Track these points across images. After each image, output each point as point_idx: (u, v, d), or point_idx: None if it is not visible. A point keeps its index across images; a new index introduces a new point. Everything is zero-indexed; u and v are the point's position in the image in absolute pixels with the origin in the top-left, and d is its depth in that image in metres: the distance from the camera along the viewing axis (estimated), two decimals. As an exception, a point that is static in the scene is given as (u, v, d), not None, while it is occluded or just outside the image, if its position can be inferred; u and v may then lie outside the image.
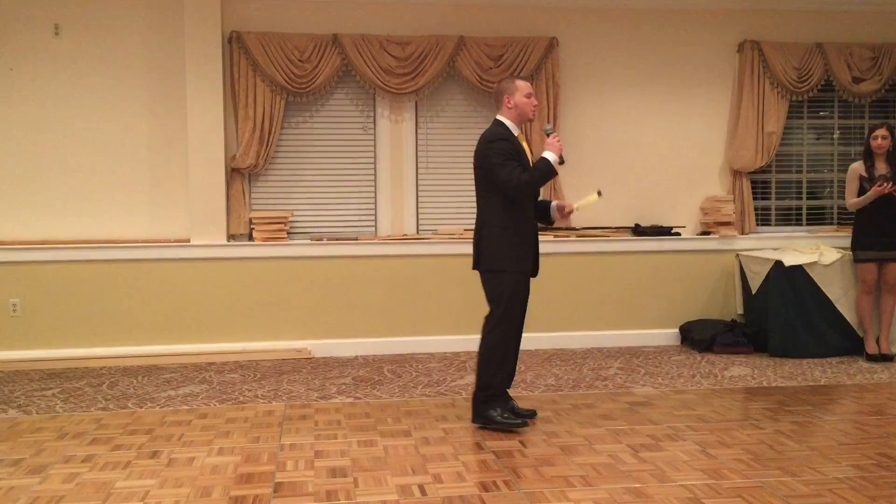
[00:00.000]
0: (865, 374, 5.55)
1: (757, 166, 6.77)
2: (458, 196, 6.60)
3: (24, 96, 6.06)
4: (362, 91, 6.44)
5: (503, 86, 4.33)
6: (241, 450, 3.88)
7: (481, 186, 4.28)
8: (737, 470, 3.55)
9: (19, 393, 5.09)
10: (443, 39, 6.36)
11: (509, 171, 4.11)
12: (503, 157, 4.14)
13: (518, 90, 4.25)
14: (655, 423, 4.32)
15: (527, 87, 4.28)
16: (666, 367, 5.75)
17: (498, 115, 4.33)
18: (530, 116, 4.35)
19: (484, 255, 4.24)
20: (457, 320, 6.39)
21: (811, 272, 6.09)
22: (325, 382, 5.35)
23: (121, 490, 3.36)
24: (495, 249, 4.19)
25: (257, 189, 6.40)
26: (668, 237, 6.65)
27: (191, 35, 6.08)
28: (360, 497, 3.25)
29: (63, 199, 6.12)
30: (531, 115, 4.35)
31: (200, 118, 6.12)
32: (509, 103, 4.27)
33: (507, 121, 4.28)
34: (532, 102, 4.29)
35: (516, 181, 4.10)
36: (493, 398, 4.23)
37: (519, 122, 4.31)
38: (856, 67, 6.83)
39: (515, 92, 4.25)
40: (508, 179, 4.10)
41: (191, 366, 5.88)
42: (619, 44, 6.69)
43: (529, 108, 4.28)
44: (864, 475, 3.47)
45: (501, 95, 4.31)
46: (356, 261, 6.30)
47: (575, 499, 3.21)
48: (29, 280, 5.96)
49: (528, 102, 4.26)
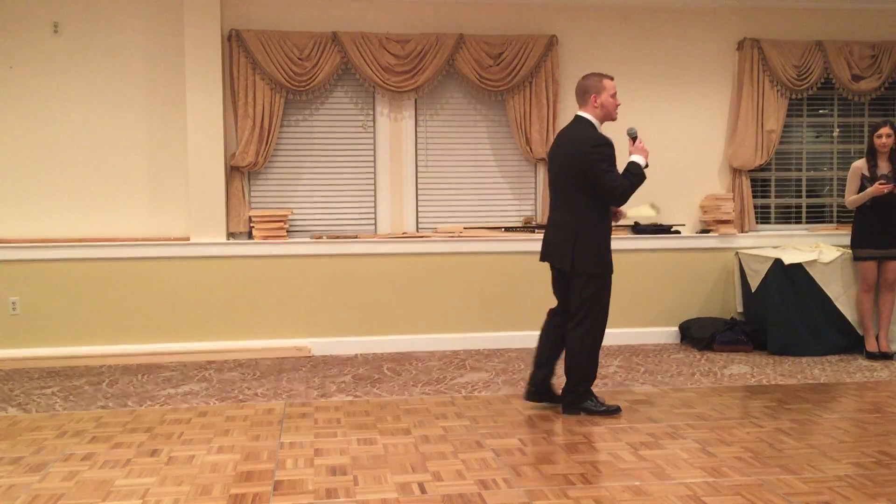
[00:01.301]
0: (865, 372, 5.55)
1: (756, 164, 6.77)
2: (457, 194, 6.60)
3: (24, 94, 6.06)
4: (362, 89, 6.44)
5: (590, 83, 4.35)
6: (240, 448, 3.88)
7: (577, 188, 4.32)
8: (736, 468, 3.55)
9: (19, 391, 5.09)
10: (442, 37, 6.35)
11: (614, 178, 4.21)
12: (608, 163, 4.23)
13: (605, 90, 4.31)
14: (655, 421, 4.32)
15: (613, 86, 4.35)
16: (665, 366, 5.75)
17: (581, 112, 4.38)
18: (614, 117, 4.41)
19: (580, 257, 4.31)
20: (456, 318, 6.40)
21: (811, 270, 6.09)
22: (325, 380, 5.35)
23: (120, 488, 3.36)
24: (594, 254, 4.31)
25: (257, 187, 6.39)
26: (667, 235, 6.65)
27: (190, 33, 6.07)
28: (359, 495, 3.25)
29: (63, 197, 6.12)
30: (615, 116, 4.40)
31: (200, 116, 6.11)
32: (595, 102, 4.33)
33: (592, 119, 4.34)
34: (616, 103, 4.35)
35: (621, 189, 4.23)
36: (589, 391, 4.44)
37: (602, 120, 4.37)
38: (855, 65, 6.83)
39: (602, 91, 4.32)
40: (614, 187, 4.21)
41: (190, 364, 5.89)
42: (618, 42, 6.69)
43: (614, 108, 4.35)
44: (863, 473, 3.48)
45: (588, 93, 4.35)
46: (356, 259, 6.30)
47: (575, 497, 3.21)
48: (28, 278, 5.96)
49: (613, 103, 4.34)
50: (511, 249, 6.42)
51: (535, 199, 6.68)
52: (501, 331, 6.45)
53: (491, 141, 6.63)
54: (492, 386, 5.16)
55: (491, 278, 6.43)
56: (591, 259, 4.31)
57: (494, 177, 6.64)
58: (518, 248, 6.41)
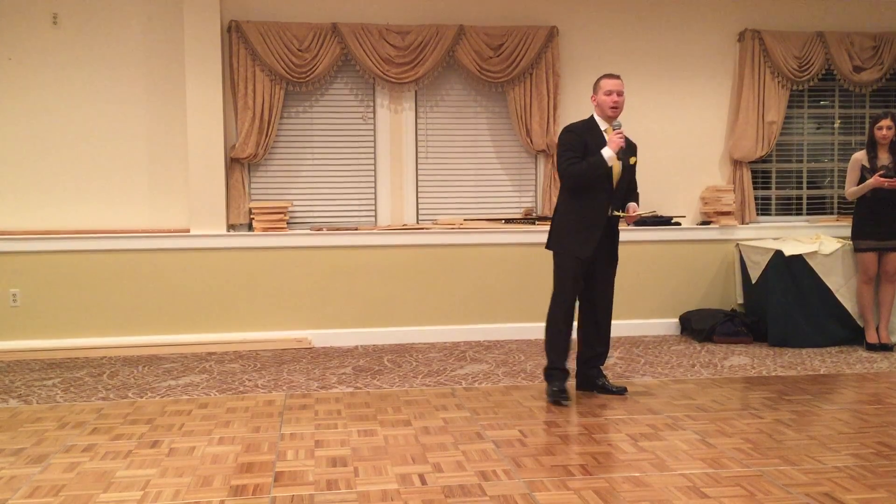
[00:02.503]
0: (865, 363, 5.56)
1: (757, 156, 6.76)
2: (457, 186, 6.60)
3: (23, 86, 6.05)
4: (362, 81, 6.43)
5: (595, 83, 4.64)
6: (241, 439, 3.89)
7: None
8: (736, 459, 3.56)
9: (20, 383, 5.10)
10: (442, 29, 6.34)
11: (563, 161, 4.51)
12: (563, 147, 4.55)
13: (600, 88, 4.55)
14: (655, 412, 4.32)
15: (609, 84, 4.53)
16: (666, 357, 5.76)
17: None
18: (608, 113, 4.56)
19: (550, 236, 4.68)
20: (457, 310, 6.40)
21: (811, 262, 6.09)
22: (325, 372, 5.35)
23: (121, 479, 3.36)
24: (558, 234, 4.61)
25: (257, 179, 6.39)
26: (668, 227, 6.65)
27: (190, 24, 6.06)
28: (360, 486, 3.26)
29: (62, 188, 6.12)
30: (609, 112, 4.55)
31: (199, 108, 6.10)
32: (594, 101, 4.61)
33: (596, 115, 4.61)
34: (611, 100, 4.51)
35: (569, 173, 4.49)
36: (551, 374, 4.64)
37: (604, 117, 4.57)
38: (857, 56, 6.81)
39: (599, 90, 4.56)
40: (562, 170, 4.53)
41: (191, 356, 5.89)
42: (619, 33, 6.67)
43: (606, 105, 4.53)
44: (863, 464, 3.48)
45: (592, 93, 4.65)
46: (356, 251, 6.30)
47: (575, 488, 3.22)
48: (29, 270, 5.96)
49: (606, 100, 4.53)
50: (511, 241, 6.42)
51: (536, 190, 6.68)
52: (502, 322, 6.45)
53: (491, 133, 6.62)
54: (492, 377, 5.17)
55: (491, 270, 6.43)
56: (555, 238, 4.63)
57: (495, 168, 6.64)
58: (518, 240, 6.41)
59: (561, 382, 4.57)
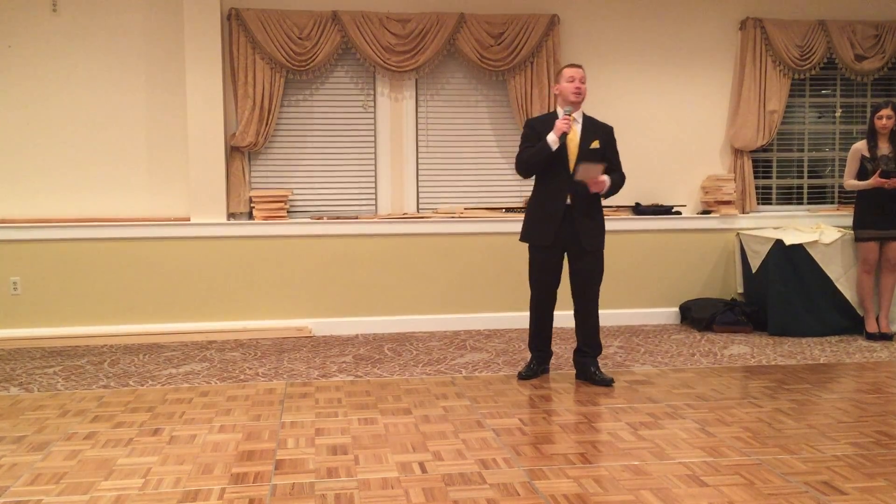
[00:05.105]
0: (865, 352, 5.56)
1: (758, 145, 6.75)
2: (458, 175, 6.59)
3: (22, 73, 6.03)
4: (362, 69, 6.41)
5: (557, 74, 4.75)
6: (242, 427, 3.90)
7: None
8: (735, 448, 3.57)
9: (21, 371, 5.11)
10: (443, 17, 6.31)
11: (518, 153, 4.67)
12: (521, 139, 4.71)
13: (562, 76, 4.62)
14: (655, 401, 4.33)
15: (570, 72, 4.59)
16: (665, 346, 5.77)
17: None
18: (570, 99, 4.59)
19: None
20: (457, 299, 6.41)
21: (812, 251, 6.09)
22: (326, 361, 5.36)
23: (122, 467, 3.37)
24: (524, 223, 4.79)
25: (257, 167, 6.38)
26: (668, 216, 6.64)
27: (190, 12, 6.03)
28: (360, 474, 3.27)
29: (62, 177, 6.11)
30: (571, 98, 4.59)
31: (199, 96, 6.09)
32: (556, 90, 4.69)
33: (558, 106, 4.66)
34: (573, 86, 4.55)
35: (517, 161, 4.69)
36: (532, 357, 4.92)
37: (565, 104, 4.58)
38: (859, 45, 6.79)
39: (560, 79, 4.63)
40: (516, 159, 4.69)
41: (191, 344, 5.90)
42: (620, 21, 6.65)
43: (569, 91, 4.58)
44: (862, 453, 3.49)
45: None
46: (356, 239, 6.30)
47: (574, 476, 3.23)
48: (29, 258, 5.96)
49: (568, 87, 4.57)
50: (512, 230, 6.39)
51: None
52: (502, 311, 6.45)
53: (492, 121, 6.60)
54: (492, 366, 5.17)
55: (492, 259, 6.43)
56: (523, 228, 4.80)
57: (495, 157, 6.62)
58: (519, 229, 6.37)
59: (528, 366, 4.86)
